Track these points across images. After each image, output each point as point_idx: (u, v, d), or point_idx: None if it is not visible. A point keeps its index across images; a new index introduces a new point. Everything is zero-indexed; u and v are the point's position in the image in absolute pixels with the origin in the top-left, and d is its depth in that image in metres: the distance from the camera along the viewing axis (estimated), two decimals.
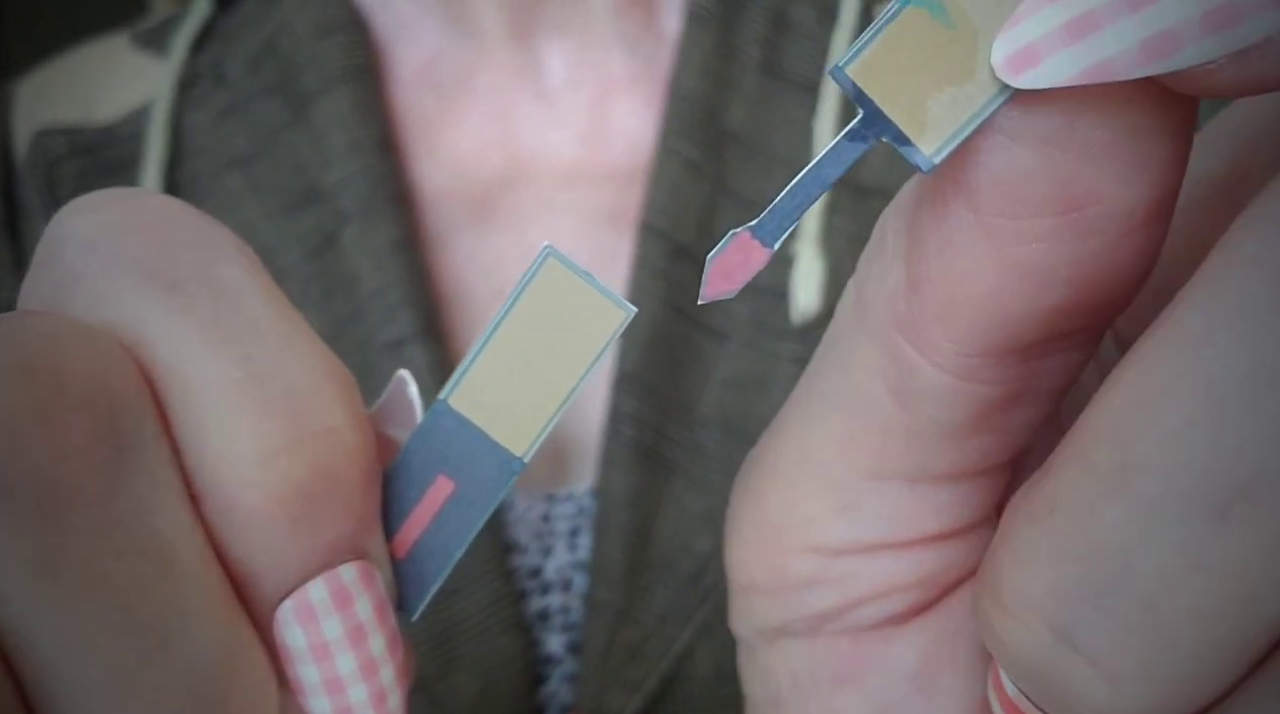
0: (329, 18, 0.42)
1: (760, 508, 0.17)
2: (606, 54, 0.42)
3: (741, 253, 0.14)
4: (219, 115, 0.43)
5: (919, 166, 0.13)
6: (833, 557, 0.16)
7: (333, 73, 0.41)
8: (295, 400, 0.15)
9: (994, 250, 0.13)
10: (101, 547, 0.13)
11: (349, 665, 0.16)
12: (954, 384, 0.14)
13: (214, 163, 0.42)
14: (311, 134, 0.41)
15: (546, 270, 0.16)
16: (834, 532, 0.16)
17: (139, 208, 0.16)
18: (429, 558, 0.17)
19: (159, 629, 0.14)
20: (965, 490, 0.16)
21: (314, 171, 0.41)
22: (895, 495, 0.16)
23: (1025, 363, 0.14)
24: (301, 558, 0.15)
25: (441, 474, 0.16)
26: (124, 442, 0.14)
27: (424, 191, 0.42)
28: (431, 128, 0.42)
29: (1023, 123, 0.12)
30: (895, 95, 0.12)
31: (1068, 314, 0.13)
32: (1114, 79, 0.11)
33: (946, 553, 0.16)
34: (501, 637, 0.36)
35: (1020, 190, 0.12)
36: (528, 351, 0.16)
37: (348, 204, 0.40)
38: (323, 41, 0.42)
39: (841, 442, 0.15)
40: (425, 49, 0.43)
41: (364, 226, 0.39)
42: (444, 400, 0.16)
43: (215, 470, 0.15)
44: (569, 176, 0.41)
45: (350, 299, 0.39)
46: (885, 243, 0.14)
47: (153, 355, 0.15)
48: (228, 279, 0.15)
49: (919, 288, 0.13)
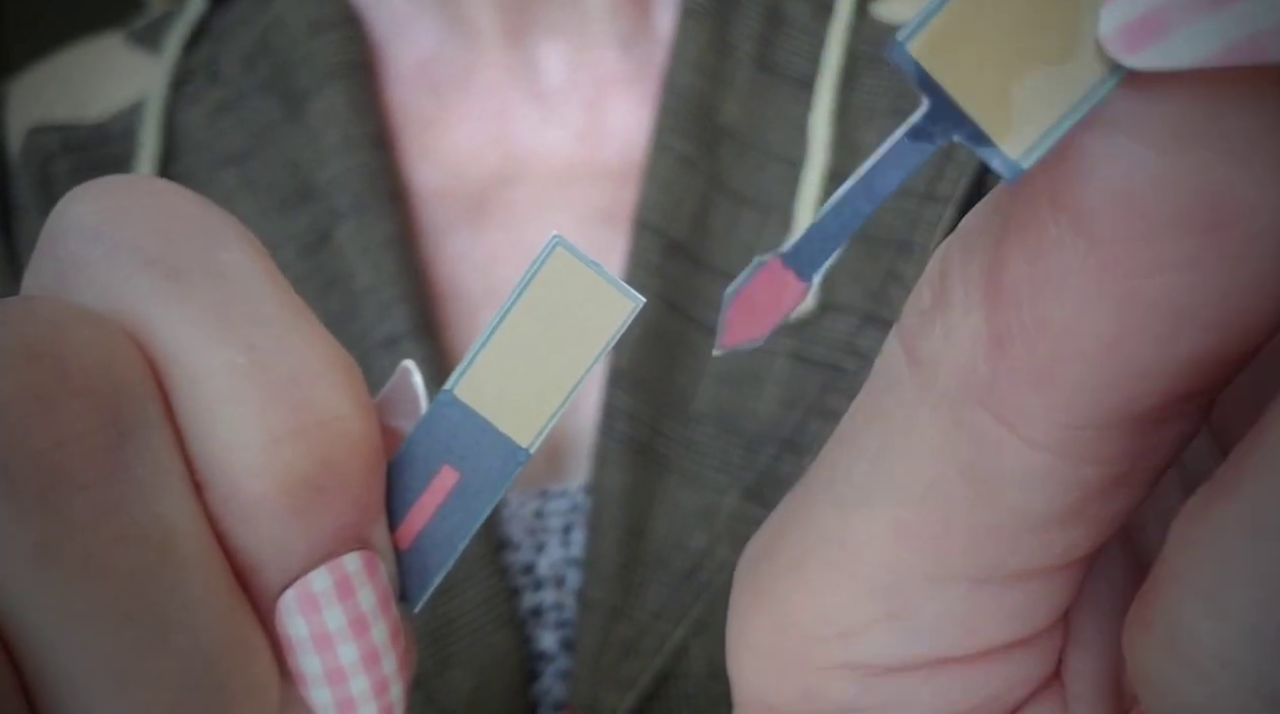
0: (323, 15, 0.42)
1: (782, 612, 0.14)
2: (602, 53, 0.43)
3: (771, 287, 0.11)
4: (213, 112, 0.43)
5: (1002, 174, 0.10)
6: (878, 676, 0.13)
7: (327, 69, 0.41)
8: (299, 388, 0.15)
9: (1115, 287, 0.10)
10: (102, 533, 0.13)
11: (351, 656, 0.16)
12: (1052, 465, 0.11)
13: (208, 160, 0.42)
14: (306, 131, 0.41)
15: (554, 260, 0.15)
16: (879, 645, 0.13)
17: (142, 195, 0.16)
18: (433, 549, 0.17)
19: (159, 617, 0.14)
20: (1040, 590, 0.13)
21: (308, 169, 0.41)
22: (957, 599, 0.13)
23: (1142, 435, 0.11)
24: (305, 547, 0.15)
25: (446, 464, 0.16)
26: (126, 427, 0.14)
27: (419, 189, 0.42)
28: (427, 126, 0.42)
29: (1148, 116, 0.10)
30: (971, 80, 0.10)
31: (1206, 367, 0.10)
32: (1271, 59, 0.09)
33: (1013, 667, 0.14)
34: (495, 633, 0.36)
35: (1148, 205, 0.10)
36: (534, 342, 0.16)
37: (342, 201, 0.40)
38: (317, 38, 0.42)
39: (891, 536, 0.12)
40: (420, 47, 0.43)
41: (358, 224, 0.39)
42: (449, 390, 0.16)
43: (218, 458, 0.15)
44: (564, 175, 0.42)
45: (345, 296, 0.39)
46: (948, 288, 0.12)
47: (156, 342, 0.15)
48: (231, 265, 0.15)
49: (1007, 346, 0.11)
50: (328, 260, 0.40)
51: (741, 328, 0.11)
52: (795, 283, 0.11)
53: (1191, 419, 0.11)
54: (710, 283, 0.39)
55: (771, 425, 0.38)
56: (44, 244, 0.16)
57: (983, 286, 0.11)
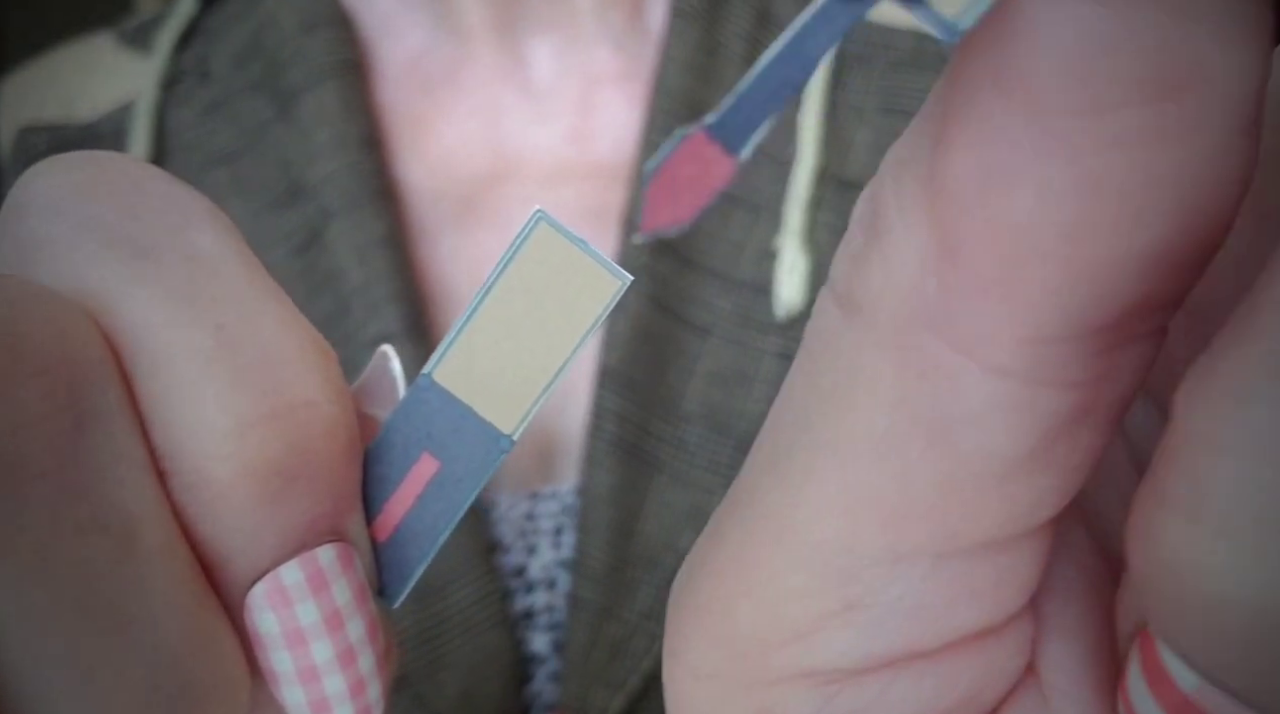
0: (314, 14, 0.42)
1: (726, 622, 0.12)
2: (592, 50, 0.42)
3: (696, 163, 0.10)
4: (203, 112, 0.43)
5: (940, 36, 0.09)
6: (840, 682, 0.12)
7: (317, 68, 0.41)
8: (270, 371, 0.14)
9: (1070, 171, 0.09)
10: (59, 523, 0.13)
11: (325, 653, 0.15)
12: (1014, 393, 0.10)
13: (198, 160, 0.42)
14: (296, 130, 0.41)
15: (537, 236, 0.15)
16: (839, 644, 0.11)
17: (107, 170, 0.15)
18: (412, 541, 0.16)
19: (119, 610, 0.13)
20: (1006, 565, 0.11)
21: (298, 168, 0.41)
22: (918, 580, 0.11)
23: (1105, 353, 0.10)
24: (275, 538, 0.14)
25: (426, 452, 0.16)
26: (85, 412, 0.13)
27: (409, 188, 0.41)
28: (417, 124, 0.42)
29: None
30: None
31: (1167, 264, 0.09)
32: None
33: (986, 659, 0.12)
34: (486, 635, 0.36)
35: (1100, 72, 0.09)
36: (516, 323, 0.15)
37: (332, 200, 0.40)
38: (307, 37, 0.42)
39: (843, 508, 0.11)
40: (411, 45, 0.43)
41: (348, 223, 0.39)
42: (428, 375, 0.15)
43: (184, 444, 0.14)
44: (555, 173, 0.41)
45: (335, 295, 0.39)
46: (882, 216, 0.10)
47: (119, 323, 0.14)
48: (200, 245, 0.15)
49: (957, 255, 0.10)
50: (319, 260, 0.40)
51: (664, 209, 0.10)
52: (723, 158, 0.10)
53: (1148, 342, 0.10)
54: (700, 283, 0.39)
55: (761, 425, 0.37)
56: (4, 218, 0.15)
57: (924, 198, 0.10)
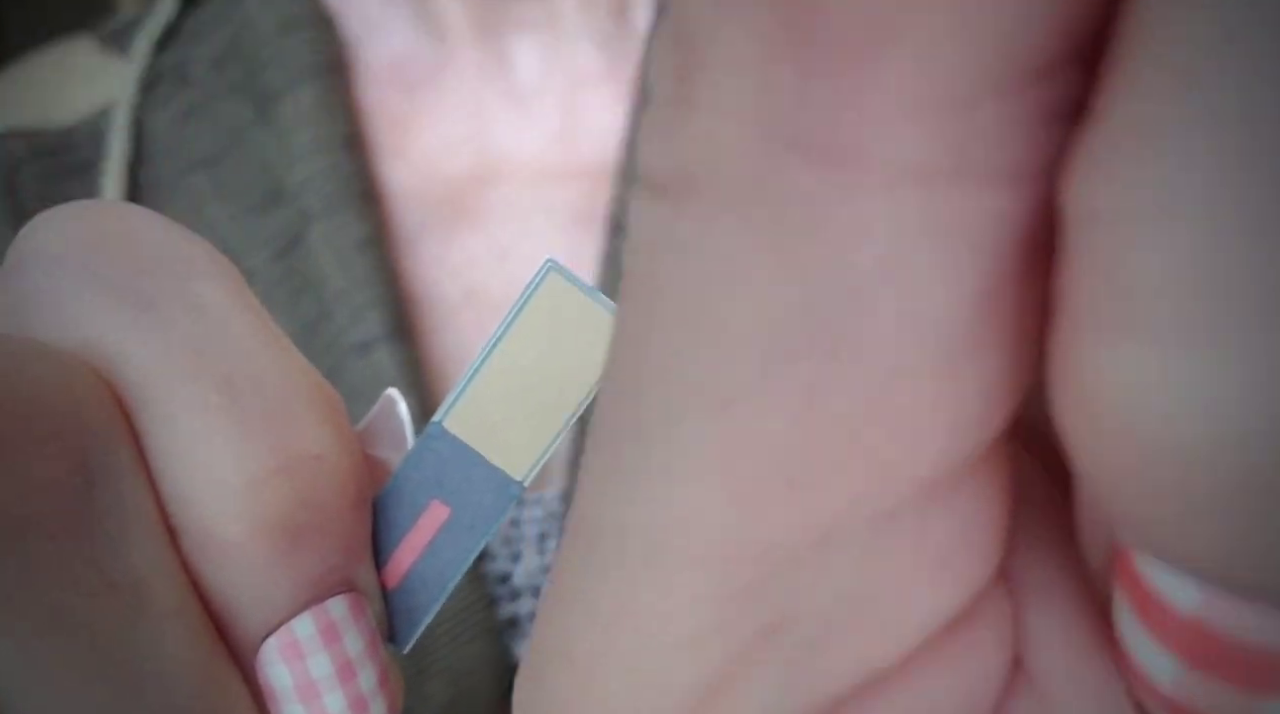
0: (293, 15, 0.42)
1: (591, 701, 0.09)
2: (576, 50, 0.42)
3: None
4: (182, 116, 0.42)
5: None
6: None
7: (297, 70, 0.41)
8: (279, 425, 0.14)
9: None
10: (71, 584, 0.13)
11: (337, 704, 0.15)
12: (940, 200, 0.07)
13: (178, 164, 0.41)
14: (276, 132, 0.40)
15: (548, 284, 0.15)
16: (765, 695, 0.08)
17: (110, 221, 0.15)
18: (422, 587, 0.16)
19: (132, 671, 0.13)
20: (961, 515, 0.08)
21: (279, 171, 0.40)
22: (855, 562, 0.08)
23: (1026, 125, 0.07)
24: (287, 593, 0.14)
25: (435, 499, 0.16)
26: (95, 474, 0.13)
27: (392, 190, 0.41)
28: (400, 126, 0.42)
29: None
30: None
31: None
32: None
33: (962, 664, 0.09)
34: (472, 644, 0.36)
35: None
36: (527, 370, 0.15)
37: (313, 203, 0.39)
38: (287, 38, 0.41)
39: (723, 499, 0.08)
40: (392, 46, 0.43)
41: (330, 226, 0.39)
42: (438, 422, 0.16)
43: (194, 501, 0.14)
44: (540, 175, 0.41)
45: (318, 300, 0.39)
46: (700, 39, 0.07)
47: (126, 379, 0.14)
48: (206, 297, 0.15)
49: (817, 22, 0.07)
50: (300, 263, 0.39)
51: None
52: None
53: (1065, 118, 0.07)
54: None
55: None
56: (7, 273, 0.15)
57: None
